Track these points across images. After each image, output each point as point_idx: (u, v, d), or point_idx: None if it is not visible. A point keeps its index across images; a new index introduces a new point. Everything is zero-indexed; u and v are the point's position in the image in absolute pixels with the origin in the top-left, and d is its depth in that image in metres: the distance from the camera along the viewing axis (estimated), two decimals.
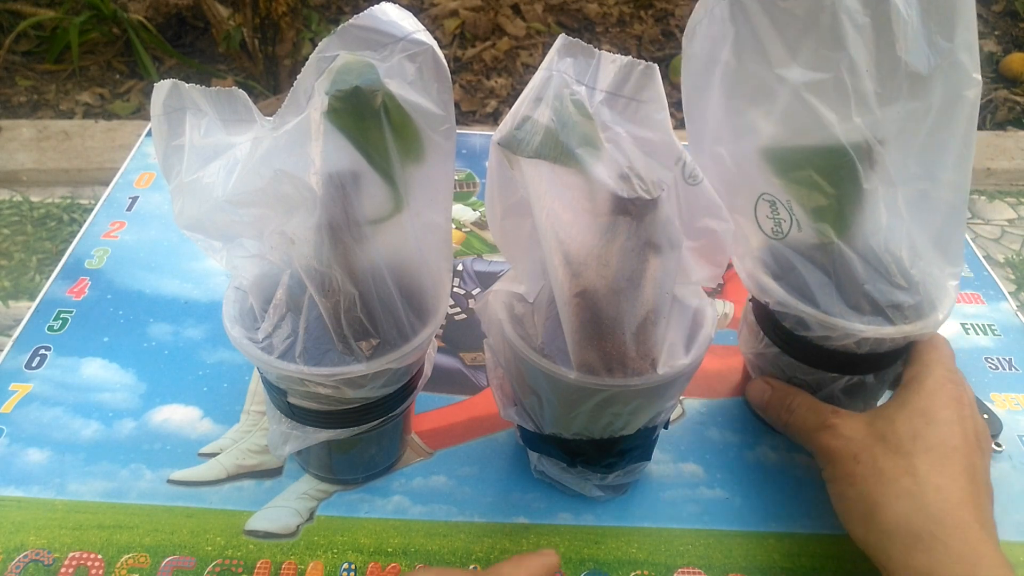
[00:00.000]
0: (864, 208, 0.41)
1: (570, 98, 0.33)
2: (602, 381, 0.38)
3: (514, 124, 0.34)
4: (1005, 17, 2.44)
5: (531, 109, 0.33)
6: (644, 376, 0.38)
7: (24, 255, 1.56)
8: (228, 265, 0.39)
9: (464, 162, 0.75)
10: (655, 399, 0.40)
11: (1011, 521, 0.48)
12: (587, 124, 0.33)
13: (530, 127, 0.33)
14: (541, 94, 0.33)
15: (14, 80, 2.01)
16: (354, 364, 0.39)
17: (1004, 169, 1.89)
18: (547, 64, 0.33)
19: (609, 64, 0.33)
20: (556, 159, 0.33)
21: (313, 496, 0.47)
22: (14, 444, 0.49)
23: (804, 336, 0.44)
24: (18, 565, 0.43)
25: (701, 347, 0.39)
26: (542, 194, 0.34)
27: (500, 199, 0.38)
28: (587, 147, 0.32)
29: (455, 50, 2.18)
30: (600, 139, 0.33)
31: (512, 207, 0.37)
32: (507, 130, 0.34)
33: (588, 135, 0.33)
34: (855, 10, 0.37)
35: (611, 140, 0.33)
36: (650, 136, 0.33)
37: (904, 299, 0.42)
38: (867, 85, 0.38)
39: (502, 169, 0.36)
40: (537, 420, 0.43)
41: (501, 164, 0.36)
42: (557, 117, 0.33)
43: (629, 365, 0.38)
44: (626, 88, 0.33)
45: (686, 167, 0.34)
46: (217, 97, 0.36)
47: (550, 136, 0.33)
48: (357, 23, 0.34)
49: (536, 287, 0.40)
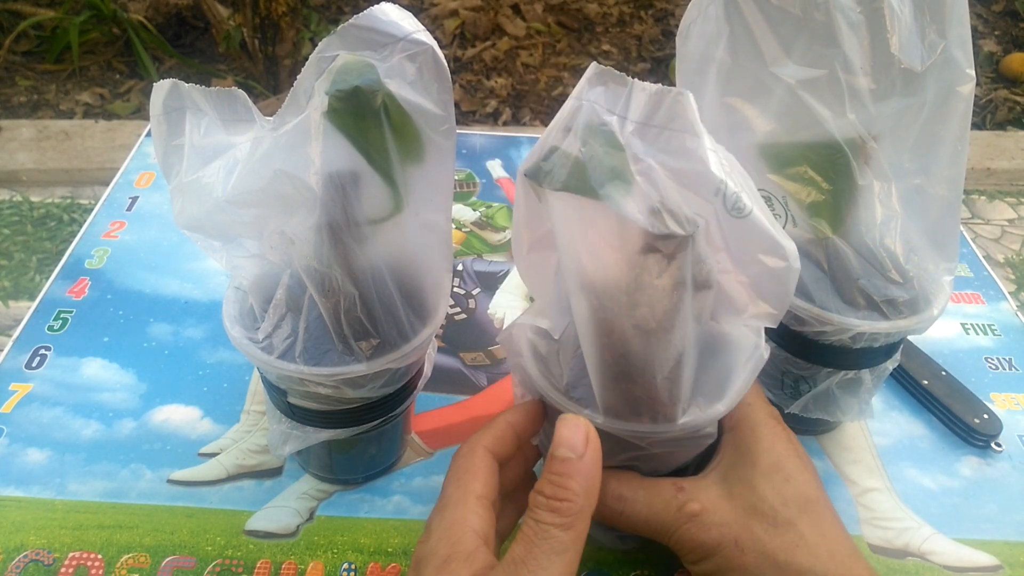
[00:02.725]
0: (859, 203, 0.41)
1: (600, 129, 0.31)
2: (628, 427, 0.36)
3: (541, 155, 0.32)
4: (1005, 17, 2.44)
5: (559, 139, 0.32)
6: (672, 423, 0.35)
7: (24, 255, 1.56)
8: (228, 265, 0.39)
9: (464, 162, 0.75)
10: (684, 448, 0.38)
11: (1011, 521, 0.48)
12: (617, 156, 0.31)
13: (558, 158, 0.32)
14: (570, 124, 0.32)
15: (14, 80, 2.01)
16: (354, 364, 0.39)
17: (1004, 169, 1.89)
18: (577, 93, 0.32)
19: (640, 92, 0.31)
20: (584, 192, 0.31)
21: (313, 496, 0.47)
22: (14, 444, 0.49)
23: (799, 331, 0.44)
24: (18, 565, 0.43)
25: (738, 394, 0.36)
26: (568, 228, 0.32)
27: (527, 231, 0.36)
28: (617, 181, 0.31)
29: (455, 50, 2.18)
30: (631, 172, 0.31)
31: (539, 240, 0.36)
32: (534, 160, 0.32)
33: (618, 168, 0.31)
34: (849, 7, 0.37)
35: (643, 173, 0.31)
36: (685, 167, 0.31)
37: (899, 294, 0.43)
38: (861, 82, 0.38)
39: (529, 200, 0.34)
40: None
41: (528, 195, 0.34)
42: (586, 149, 0.31)
43: (659, 410, 0.35)
44: (657, 117, 0.31)
45: (727, 199, 0.31)
46: (217, 97, 0.36)
47: (578, 168, 0.31)
48: (357, 23, 0.34)
49: (562, 324, 0.38)
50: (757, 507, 0.37)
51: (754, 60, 0.39)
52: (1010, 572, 0.46)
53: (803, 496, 0.37)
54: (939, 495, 0.49)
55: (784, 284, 0.33)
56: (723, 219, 0.32)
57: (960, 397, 0.54)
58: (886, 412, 0.55)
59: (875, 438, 0.53)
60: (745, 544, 0.36)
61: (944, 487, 0.50)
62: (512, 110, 2.04)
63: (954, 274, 0.44)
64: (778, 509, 0.36)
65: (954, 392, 0.54)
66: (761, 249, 0.32)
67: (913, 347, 0.57)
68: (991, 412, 0.53)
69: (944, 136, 0.40)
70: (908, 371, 0.55)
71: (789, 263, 0.32)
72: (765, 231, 0.32)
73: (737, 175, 0.31)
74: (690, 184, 0.31)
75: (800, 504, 0.37)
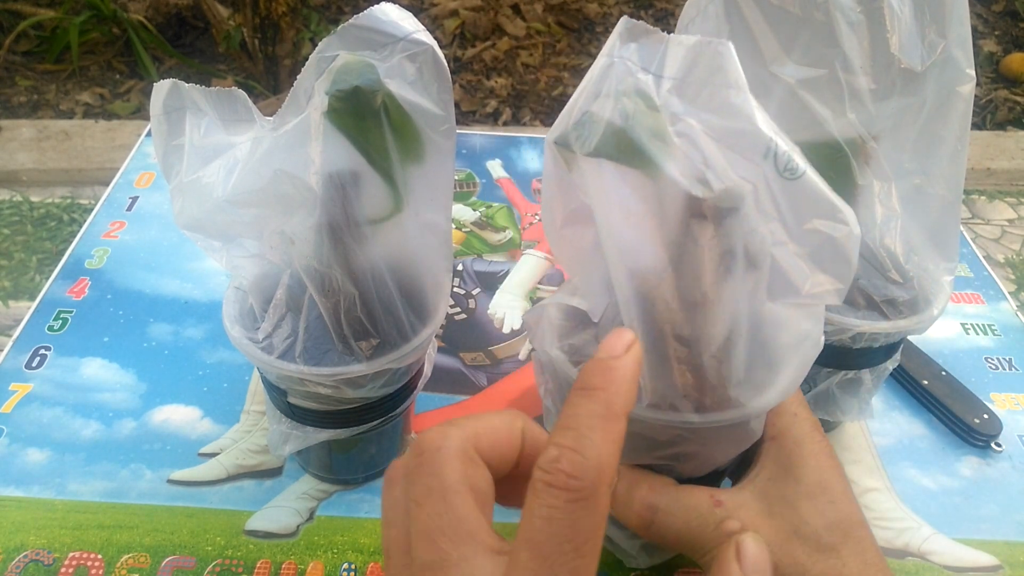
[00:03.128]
0: (858, 203, 0.41)
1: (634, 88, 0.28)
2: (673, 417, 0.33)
3: (571, 120, 0.29)
4: (1005, 17, 2.44)
5: (589, 102, 0.29)
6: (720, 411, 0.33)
7: (24, 255, 1.56)
8: (228, 265, 0.39)
9: (464, 162, 0.75)
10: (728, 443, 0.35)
11: (1011, 521, 0.48)
12: (654, 117, 0.28)
13: (588, 122, 0.29)
14: (600, 86, 0.29)
15: (14, 80, 2.01)
16: (354, 364, 0.39)
17: (1004, 169, 1.89)
18: (608, 51, 0.29)
19: (676, 47, 0.28)
20: (619, 158, 0.28)
21: (313, 496, 0.47)
22: (14, 444, 0.49)
23: None
24: (18, 565, 0.43)
25: (791, 382, 0.33)
26: (605, 197, 0.30)
27: (560, 205, 0.33)
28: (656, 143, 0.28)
29: (455, 50, 2.18)
30: (670, 133, 0.28)
31: (573, 214, 0.33)
32: (563, 127, 0.30)
33: (656, 129, 0.28)
34: (849, 7, 0.37)
35: (682, 134, 0.28)
36: (730, 125, 0.28)
37: (899, 294, 0.43)
38: (861, 81, 0.38)
39: (559, 172, 0.31)
40: None
41: (558, 166, 0.31)
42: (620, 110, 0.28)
43: (706, 394, 0.33)
44: (696, 72, 0.28)
45: (779, 158, 0.28)
46: (217, 97, 0.36)
47: (612, 131, 0.28)
48: (357, 23, 0.34)
49: (602, 305, 0.35)
50: (800, 530, 0.34)
51: (754, 60, 0.39)
52: (1010, 572, 0.46)
53: (847, 520, 0.35)
54: (939, 495, 0.49)
55: (846, 253, 0.29)
56: (774, 182, 0.29)
57: (960, 397, 0.54)
58: (886, 412, 0.55)
59: (875, 438, 0.53)
60: (786, 569, 0.34)
61: (944, 487, 0.50)
62: (512, 110, 2.04)
63: (954, 274, 0.44)
64: (821, 534, 0.34)
65: (954, 392, 0.54)
66: (818, 214, 0.29)
67: (913, 347, 0.57)
68: (991, 412, 0.53)
69: (944, 136, 0.40)
70: (908, 371, 0.55)
71: (850, 228, 0.29)
72: (821, 193, 0.28)
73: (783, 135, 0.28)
74: (736, 144, 0.28)
75: (844, 529, 0.34)
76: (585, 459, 0.23)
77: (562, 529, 0.23)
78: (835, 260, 0.30)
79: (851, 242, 0.29)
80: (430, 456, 0.26)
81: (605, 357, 0.26)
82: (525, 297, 0.62)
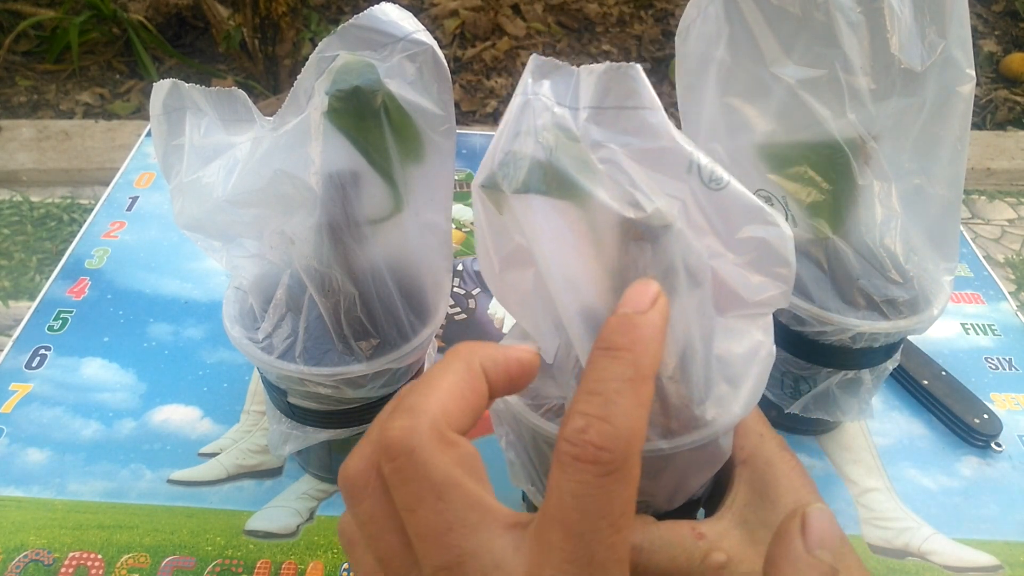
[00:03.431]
0: (859, 203, 0.41)
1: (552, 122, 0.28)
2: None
3: (495, 162, 0.29)
4: (1005, 17, 2.44)
5: (511, 142, 0.29)
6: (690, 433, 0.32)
7: (24, 255, 1.56)
8: (228, 265, 0.39)
9: (464, 162, 0.75)
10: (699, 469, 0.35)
11: (1011, 521, 0.48)
12: (576, 148, 0.28)
13: (512, 161, 0.29)
14: (520, 125, 0.29)
15: (14, 80, 2.01)
16: (354, 364, 0.39)
17: (1004, 169, 1.89)
18: (521, 89, 0.29)
19: (587, 76, 0.29)
20: (548, 191, 0.28)
21: (313, 496, 0.47)
22: (14, 444, 0.49)
23: (799, 331, 0.44)
24: (18, 565, 0.43)
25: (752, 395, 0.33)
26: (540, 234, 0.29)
27: (495, 250, 0.32)
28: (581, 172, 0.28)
29: (455, 50, 2.18)
30: (593, 161, 0.28)
31: (510, 257, 0.32)
32: (488, 170, 0.30)
33: (580, 158, 0.28)
34: (849, 7, 0.37)
35: (606, 160, 0.29)
36: (650, 145, 0.29)
37: (899, 294, 0.43)
38: (861, 82, 0.38)
39: (490, 216, 0.31)
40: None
41: (488, 210, 0.31)
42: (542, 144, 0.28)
43: (671, 416, 0.32)
44: (610, 97, 0.28)
45: (702, 171, 0.29)
46: (217, 97, 0.36)
47: (536, 166, 0.28)
48: (357, 23, 0.34)
49: (553, 346, 0.34)
50: None
51: (754, 60, 0.39)
52: (1010, 572, 0.46)
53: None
54: (939, 495, 0.49)
55: (782, 254, 0.30)
56: (701, 195, 0.29)
57: (960, 397, 0.54)
58: (886, 412, 0.55)
59: (875, 438, 0.53)
60: None
61: (944, 487, 0.50)
62: None
63: (954, 274, 0.44)
64: None
65: (954, 392, 0.54)
66: (748, 219, 0.29)
67: (913, 347, 0.57)
68: (991, 412, 0.53)
69: (944, 136, 0.40)
70: (908, 371, 0.55)
71: (781, 228, 0.29)
72: (747, 200, 0.29)
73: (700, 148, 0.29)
74: (658, 163, 0.29)
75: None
76: (615, 428, 0.22)
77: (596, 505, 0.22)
78: (773, 263, 0.30)
79: (784, 242, 0.29)
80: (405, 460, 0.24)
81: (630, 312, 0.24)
82: None
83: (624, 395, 0.22)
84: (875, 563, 0.46)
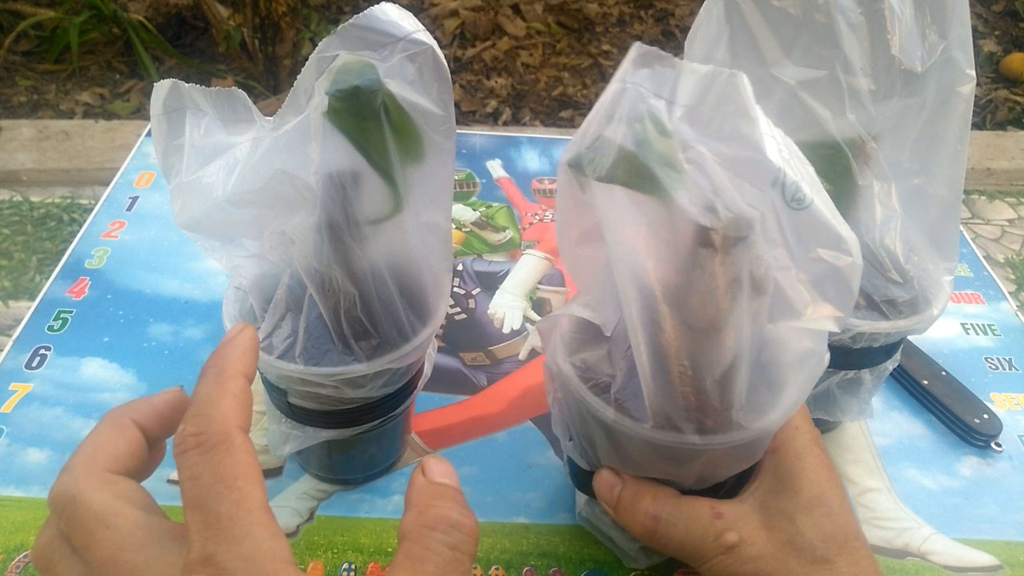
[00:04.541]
0: (859, 204, 0.41)
1: (646, 114, 0.29)
2: (676, 437, 0.33)
3: (584, 143, 0.30)
4: (1005, 17, 2.44)
5: (602, 126, 0.29)
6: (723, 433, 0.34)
7: (24, 255, 1.56)
8: (228, 265, 0.39)
9: (464, 162, 0.75)
10: (732, 461, 0.36)
11: (1011, 521, 0.48)
12: (665, 143, 0.29)
13: (601, 147, 0.29)
14: (613, 110, 0.29)
15: (14, 80, 2.01)
16: (354, 364, 0.39)
17: (1004, 169, 1.89)
18: (621, 76, 0.29)
19: (689, 74, 0.29)
20: (630, 184, 0.29)
21: (313, 496, 0.47)
22: (14, 444, 0.49)
23: None
24: (18, 565, 0.43)
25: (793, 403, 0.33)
26: (616, 222, 0.30)
27: (575, 224, 0.33)
28: (666, 170, 0.28)
29: (455, 50, 2.18)
30: (680, 161, 0.29)
31: (587, 233, 0.33)
32: (576, 149, 0.30)
33: (667, 156, 0.28)
34: (849, 8, 0.37)
35: (693, 161, 0.29)
36: (739, 154, 0.28)
37: (899, 294, 0.43)
38: (861, 82, 0.38)
39: (573, 192, 0.32)
40: (593, 459, 0.38)
41: (571, 187, 0.32)
42: (632, 136, 0.29)
43: (709, 416, 0.33)
44: (708, 100, 0.28)
45: (786, 188, 0.28)
46: (217, 97, 0.36)
47: (623, 157, 0.29)
48: (357, 23, 0.34)
49: (614, 320, 0.36)
50: (796, 542, 0.35)
51: (754, 61, 0.39)
52: (1010, 572, 0.46)
53: (844, 533, 0.35)
54: (939, 495, 0.49)
55: (847, 282, 0.30)
56: (781, 211, 0.29)
57: (960, 397, 0.54)
58: (886, 412, 0.55)
59: (875, 438, 0.53)
60: None
61: (944, 487, 0.50)
62: (512, 110, 2.04)
63: (954, 274, 0.44)
64: (817, 546, 0.35)
65: (954, 392, 0.54)
66: (822, 243, 0.29)
67: (913, 347, 0.57)
68: (991, 412, 0.53)
69: (944, 136, 0.40)
70: (908, 371, 0.55)
71: (853, 258, 0.29)
72: (826, 223, 0.29)
73: (796, 162, 0.29)
74: (745, 173, 0.29)
75: (840, 541, 0.35)
76: (206, 416, 0.27)
77: (207, 475, 0.26)
78: (837, 289, 0.30)
79: (853, 272, 0.29)
80: (70, 507, 0.27)
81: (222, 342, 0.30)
82: (525, 297, 0.62)
83: (211, 394, 0.28)
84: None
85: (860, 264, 0.29)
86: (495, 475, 0.49)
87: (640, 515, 0.36)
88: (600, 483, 0.38)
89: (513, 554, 0.45)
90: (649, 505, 0.36)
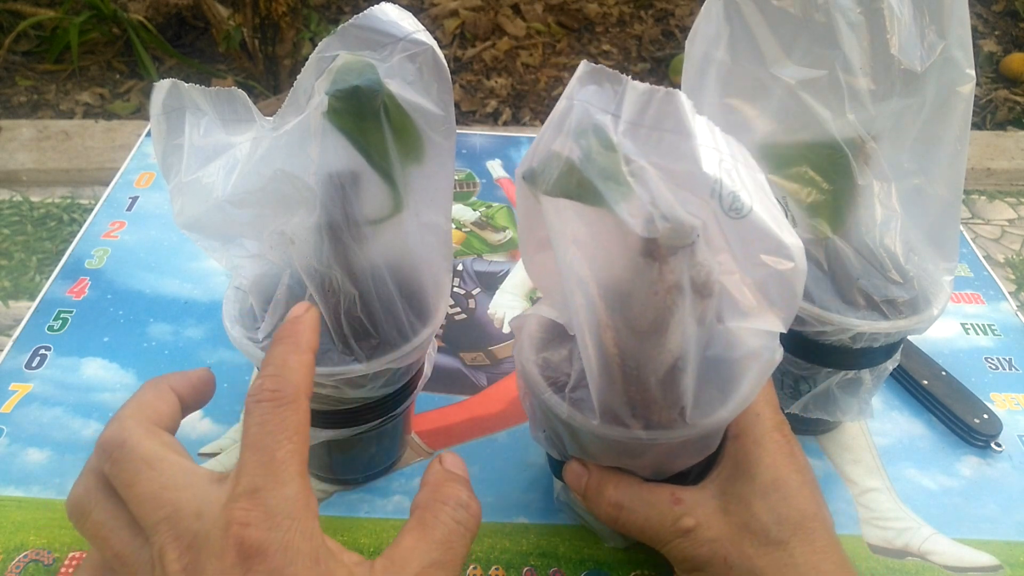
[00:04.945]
0: (858, 203, 0.41)
1: (592, 129, 0.30)
2: (624, 433, 0.35)
3: (535, 157, 0.32)
4: (1005, 17, 2.44)
5: (551, 141, 0.31)
6: (669, 429, 0.35)
7: (24, 255, 1.56)
8: (228, 265, 0.39)
9: (464, 162, 0.75)
10: (685, 454, 0.37)
11: (1011, 521, 0.48)
12: (609, 158, 0.30)
13: (550, 160, 0.31)
14: (562, 125, 0.31)
15: (14, 80, 2.01)
16: (354, 364, 0.39)
17: (1004, 169, 1.89)
18: (568, 93, 0.31)
19: (632, 91, 0.30)
20: (575, 196, 0.30)
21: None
22: (14, 444, 0.49)
23: (799, 331, 0.44)
24: (18, 565, 0.43)
25: (744, 399, 0.35)
26: (563, 232, 0.32)
27: (533, 232, 0.35)
28: (609, 183, 0.30)
29: (455, 50, 2.18)
30: (624, 174, 0.30)
31: (544, 240, 0.35)
32: (529, 163, 0.32)
33: (610, 170, 0.30)
34: (848, 8, 0.37)
35: (635, 174, 0.30)
36: (677, 167, 0.30)
37: (899, 294, 0.43)
38: (861, 82, 0.38)
39: (528, 202, 0.34)
40: (562, 450, 0.40)
41: (527, 197, 0.33)
42: (578, 150, 0.30)
43: (655, 413, 0.35)
44: (647, 116, 0.30)
45: (723, 199, 0.29)
46: (217, 97, 0.36)
47: (569, 171, 0.30)
48: (357, 23, 0.34)
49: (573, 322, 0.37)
50: (750, 525, 0.36)
51: (754, 61, 0.39)
52: (1010, 572, 0.46)
53: (799, 514, 0.36)
54: (939, 495, 0.49)
55: (791, 286, 0.31)
56: (722, 219, 0.30)
57: (960, 397, 0.54)
58: (886, 412, 0.55)
59: (875, 438, 0.53)
60: (734, 562, 0.36)
61: (944, 487, 0.50)
62: (512, 110, 2.04)
63: (954, 274, 0.44)
64: (770, 528, 0.36)
65: (954, 392, 0.54)
66: (764, 250, 0.30)
67: (913, 347, 0.57)
68: (991, 412, 0.53)
69: (944, 136, 0.40)
70: (908, 371, 0.55)
71: (795, 263, 0.30)
72: (767, 230, 0.30)
73: (741, 171, 0.30)
74: (685, 184, 0.30)
75: (795, 523, 0.36)
76: (283, 377, 0.30)
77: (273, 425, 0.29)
78: (781, 292, 0.31)
79: (796, 276, 0.31)
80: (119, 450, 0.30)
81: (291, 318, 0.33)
82: (525, 297, 0.62)
83: (288, 360, 0.31)
84: (875, 563, 0.46)
85: (803, 269, 0.30)
86: (495, 475, 0.49)
87: (604, 503, 0.38)
88: (568, 473, 0.40)
89: (513, 554, 0.45)
90: (612, 493, 0.38)
